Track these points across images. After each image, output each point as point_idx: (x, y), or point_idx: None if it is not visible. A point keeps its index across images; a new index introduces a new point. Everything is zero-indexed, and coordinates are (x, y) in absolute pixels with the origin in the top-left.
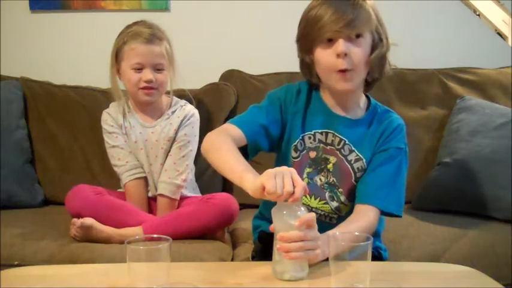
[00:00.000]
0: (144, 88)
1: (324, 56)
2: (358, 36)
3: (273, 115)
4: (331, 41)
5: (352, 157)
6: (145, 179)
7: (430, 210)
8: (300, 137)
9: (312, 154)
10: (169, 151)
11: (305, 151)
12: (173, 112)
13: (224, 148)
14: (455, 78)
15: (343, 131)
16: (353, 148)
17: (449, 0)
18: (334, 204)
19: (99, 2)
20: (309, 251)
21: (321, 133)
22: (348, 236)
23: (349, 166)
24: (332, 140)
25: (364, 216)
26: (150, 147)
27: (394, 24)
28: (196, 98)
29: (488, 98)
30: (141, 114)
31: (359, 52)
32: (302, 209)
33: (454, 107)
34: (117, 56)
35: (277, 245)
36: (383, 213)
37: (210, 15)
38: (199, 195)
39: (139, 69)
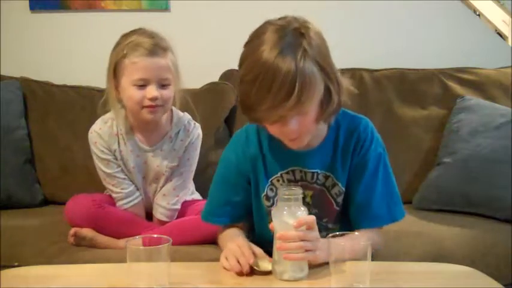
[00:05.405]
0: (148, 106)
1: (273, 130)
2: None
3: (232, 183)
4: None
5: (329, 183)
6: (141, 200)
7: (430, 210)
8: (269, 183)
9: None
10: (169, 176)
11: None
12: (176, 134)
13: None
14: (455, 78)
15: (310, 162)
16: (328, 174)
17: (449, 0)
18: (323, 234)
19: (99, 2)
20: (309, 252)
21: (287, 172)
22: (349, 239)
23: (327, 194)
24: (301, 176)
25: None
26: (149, 171)
27: (394, 25)
28: (196, 97)
29: (488, 98)
30: (139, 135)
31: (303, 125)
32: (302, 209)
33: (454, 107)
34: (115, 71)
35: (276, 245)
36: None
37: (210, 15)
38: (199, 198)
39: (142, 85)
